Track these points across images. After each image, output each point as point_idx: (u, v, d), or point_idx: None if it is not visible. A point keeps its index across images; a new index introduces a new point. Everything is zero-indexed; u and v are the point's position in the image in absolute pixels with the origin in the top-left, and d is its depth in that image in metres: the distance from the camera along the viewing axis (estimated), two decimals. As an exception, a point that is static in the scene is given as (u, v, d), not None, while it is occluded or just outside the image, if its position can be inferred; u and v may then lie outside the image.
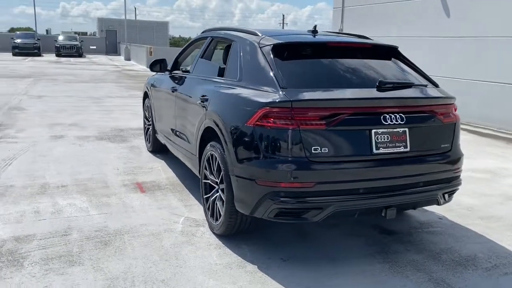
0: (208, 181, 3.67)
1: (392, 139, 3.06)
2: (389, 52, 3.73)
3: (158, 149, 5.94)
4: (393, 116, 3.03)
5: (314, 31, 3.85)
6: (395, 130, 3.06)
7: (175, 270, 3.04)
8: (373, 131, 3.00)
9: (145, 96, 6.22)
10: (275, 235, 3.64)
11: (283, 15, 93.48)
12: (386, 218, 3.11)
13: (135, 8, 50.44)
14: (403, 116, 3.06)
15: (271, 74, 3.16)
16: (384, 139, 3.03)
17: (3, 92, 11.83)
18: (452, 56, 9.90)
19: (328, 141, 2.91)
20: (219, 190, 3.47)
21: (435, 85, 3.54)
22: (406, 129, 3.10)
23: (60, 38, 34.44)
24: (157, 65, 5.26)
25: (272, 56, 3.28)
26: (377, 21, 12.36)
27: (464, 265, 3.27)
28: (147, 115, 6.19)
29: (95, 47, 38.76)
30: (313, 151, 2.89)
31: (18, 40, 31.25)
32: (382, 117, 3.01)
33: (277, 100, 2.94)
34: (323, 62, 3.41)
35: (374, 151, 3.00)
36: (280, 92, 2.99)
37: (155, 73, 5.77)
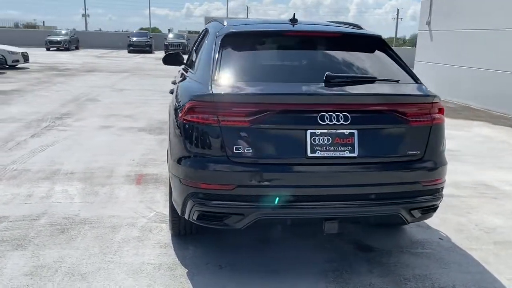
0: (172, 177, 3.55)
1: (334, 142, 2.63)
2: (369, 43, 3.22)
3: (182, 142, 5.95)
4: (334, 115, 2.60)
5: (293, 20, 3.49)
6: (338, 131, 2.63)
7: (102, 265, 2.97)
8: (309, 131, 2.61)
9: (175, 89, 6.28)
10: (235, 239, 3.40)
11: (398, 10, 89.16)
12: (324, 232, 2.71)
13: (247, 7, 52.07)
14: (348, 115, 2.62)
15: (211, 65, 2.92)
16: (323, 141, 2.62)
17: (93, 85, 12.90)
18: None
19: (253, 140, 2.60)
20: (172, 187, 3.33)
21: (415, 80, 2.98)
22: (354, 131, 2.64)
23: (170, 36, 36.78)
24: (170, 59, 5.23)
25: (220, 46, 3.03)
26: (468, 13, 11.06)
27: (429, 297, 2.72)
28: (176, 109, 6.25)
29: (201, 44, 40.68)
30: (234, 151, 2.60)
31: (134, 39, 34.07)
32: (319, 116, 2.60)
33: (200, 94, 2.71)
34: (277, 53, 3.07)
35: (309, 154, 2.61)
36: (208, 85, 2.74)
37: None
